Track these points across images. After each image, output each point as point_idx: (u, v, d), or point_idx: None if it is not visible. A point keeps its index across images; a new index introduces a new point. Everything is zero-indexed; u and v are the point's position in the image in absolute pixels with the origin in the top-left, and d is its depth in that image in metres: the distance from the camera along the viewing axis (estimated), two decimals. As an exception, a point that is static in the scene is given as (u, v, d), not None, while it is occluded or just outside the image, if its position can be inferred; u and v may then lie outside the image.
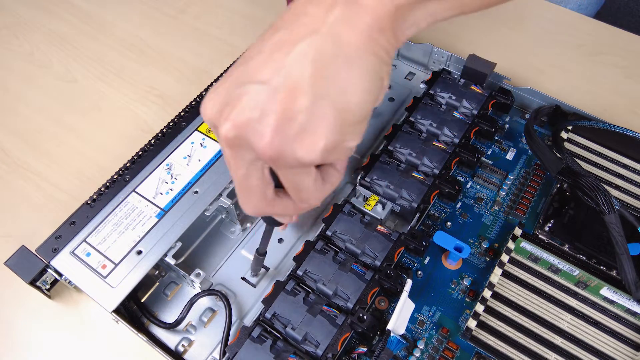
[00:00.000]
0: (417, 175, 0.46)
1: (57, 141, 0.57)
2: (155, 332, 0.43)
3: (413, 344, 0.41)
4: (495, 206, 0.48)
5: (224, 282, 0.46)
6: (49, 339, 0.44)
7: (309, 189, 0.28)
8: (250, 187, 0.28)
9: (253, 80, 0.24)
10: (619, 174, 0.48)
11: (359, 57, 0.24)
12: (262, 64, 0.24)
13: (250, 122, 0.24)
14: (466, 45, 0.62)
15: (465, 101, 0.51)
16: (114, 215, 0.44)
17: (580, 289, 0.43)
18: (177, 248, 0.43)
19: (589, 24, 0.65)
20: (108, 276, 0.41)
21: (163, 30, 0.67)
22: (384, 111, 0.57)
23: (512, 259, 0.44)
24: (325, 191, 0.29)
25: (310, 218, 0.49)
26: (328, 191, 0.29)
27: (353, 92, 0.24)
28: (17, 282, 0.42)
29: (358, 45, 0.24)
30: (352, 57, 0.24)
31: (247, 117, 0.24)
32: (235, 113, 0.24)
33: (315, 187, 0.28)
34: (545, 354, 0.40)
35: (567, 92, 0.58)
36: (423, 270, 0.45)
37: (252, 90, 0.24)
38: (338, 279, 0.41)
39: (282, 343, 0.38)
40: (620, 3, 1.49)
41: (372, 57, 0.25)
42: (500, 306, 0.42)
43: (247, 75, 0.25)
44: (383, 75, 0.26)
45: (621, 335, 0.41)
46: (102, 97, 0.61)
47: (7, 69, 0.63)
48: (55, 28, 0.67)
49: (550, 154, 0.45)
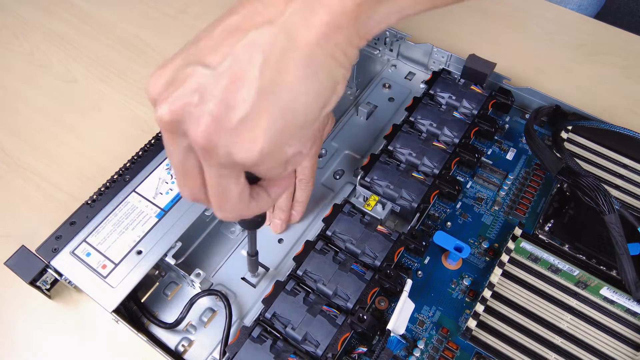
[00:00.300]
0: (417, 175, 0.46)
1: (57, 141, 0.57)
2: (155, 332, 0.43)
3: (413, 344, 0.41)
4: (495, 206, 0.48)
5: (224, 282, 0.46)
6: (49, 339, 0.44)
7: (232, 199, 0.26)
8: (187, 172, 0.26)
9: (200, 62, 0.23)
10: (619, 174, 0.48)
11: (311, 56, 0.23)
12: (212, 48, 0.23)
13: (188, 106, 0.22)
14: (466, 45, 0.62)
15: (465, 101, 0.51)
16: (114, 215, 0.44)
17: (580, 289, 0.43)
18: (177, 248, 0.43)
19: (589, 24, 0.65)
20: (108, 276, 0.41)
21: (163, 30, 0.67)
22: (384, 111, 0.57)
23: (512, 259, 0.44)
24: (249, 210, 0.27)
25: (310, 217, 0.49)
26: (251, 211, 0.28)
27: (299, 92, 0.23)
28: (17, 282, 0.42)
29: (311, 43, 0.23)
30: (303, 55, 0.22)
31: (186, 100, 0.23)
32: (175, 95, 0.23)
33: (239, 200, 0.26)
34: (545, 354, 0.40)
35: (567, 92, 0.58)
36: (423, 270, 0.45)
37: (196, 73, 0.23)
38: (338, 279, 0.41)
39: (282, 343, 0.38)
40: (620, 3, 1.49)
41: (326, 57, 0.23)
42: (500, 306, 0.42)
43: (195, 56, 0.23)
44: (338, 78, 0.24)
45: (621, 335, 0.41)
46: (102, 97, 0.61)
47: (7, 69, 0.63)
48: (55, 28, 0.67)
49: (550, 154, 0.45)
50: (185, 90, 0.23)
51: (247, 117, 0.22)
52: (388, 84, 0.59)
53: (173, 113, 0.23)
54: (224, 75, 0.22)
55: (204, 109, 0.22)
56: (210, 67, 0.22)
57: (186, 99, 0.23)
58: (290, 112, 0.23)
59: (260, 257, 0.46)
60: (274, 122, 0.23)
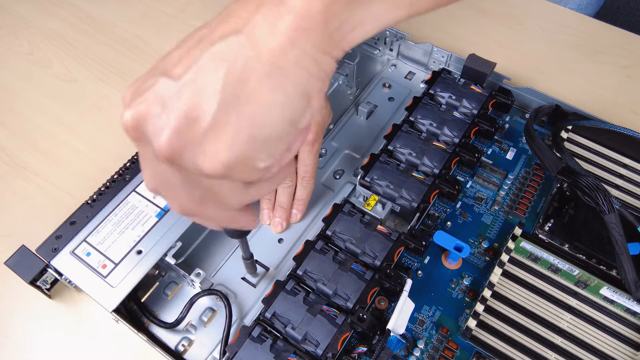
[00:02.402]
0: (417, 175, 0.46)
1: (57, 141, 0.57)
2: (155, 332, 0.43)
3: (413, 344, 0.41)
4: (495, 206, 0.48)
5: (224, 282, 0.46)
6: (49, 339, 0.44)
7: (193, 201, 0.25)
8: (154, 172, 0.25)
9: (165, 73, 0.22)
10: (619, 174, 0.48)
11: (275, 65, 0.21)
12: (177, 59, 0.22)
13: (149, 116, 0.22)
14: (466, 45, 0.62)
15: (465, 101, 0.51)
16: (114, 215, 0.44)
17: (580, 289, 0.43)
18: (177, 248, 0.43)
19: (589, 24, 0.65)
20: (108, 276, 0.41)
21: (163, 30, 0.67)
22: (384, 111, 0.57)
23: (512, 258, 0.44)
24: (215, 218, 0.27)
25: (309, 217, 0.49)
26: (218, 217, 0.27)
27: (264, 105, 0.22)
28: (17, 282, 0.42)
29: (275, 50, 0.21)
30: (266, 64, 0.21)
31: (146, 110, 0.22)
32: (137, 103, 0.22)
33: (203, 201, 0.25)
34: (545, 353, 0.40)
35: (567, 92, 0.58)
36: (423, 270, 0.45)
37: (159, 83, 0.22)
38: (338, 278, 0.41)
39: (282, 343, 0.38)
40: (620, 3, 1.49)
41: (293, 66, 0.22)
42: (500, 306, 0.42)
43: (163, 68, 0.23)
44: (310, 91, 0.23)
45: (621, 335, 0.41)
46: (102, 97, 0.61)
47: (7, 69, 0.63)
48: (55, 28, 0.67)
49: (550, 154, 0.45)
50: (147, 100, 0.22)
51: (210, 130, 0.22)
52: (388, 83, 0.59)
53: (135, 120, 0.22)
54: (187, 87, 0.22)
55: (166, 120, 0.22)
56: (173, 78, 0.22)
57: (147, 108, 0.22)
58: (255, 125, 0.22)
59: (260, 257, 0.47)
60: (237, 135, 0.22)
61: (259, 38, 0.21)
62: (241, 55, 0.21)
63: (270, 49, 0.21)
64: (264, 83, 0.21)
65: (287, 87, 0.22)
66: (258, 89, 0.21)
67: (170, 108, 0.22)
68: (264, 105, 0.22)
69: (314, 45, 0.22)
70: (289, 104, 0.22)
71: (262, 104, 0.22)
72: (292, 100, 0.22)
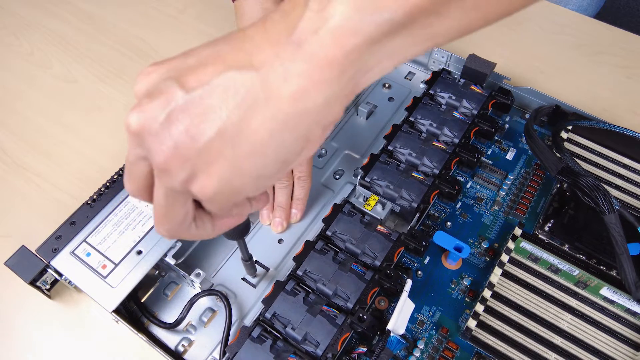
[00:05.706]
0: (417, 175, 0.46)
1: (57, 141, 0.57)
2: (155, 332, 0.43)
3: (413, 344, 0.41)
4: (495, 206, 0.48)
5: (224, 282, 0.46)
6: (49, 339, 0.44)
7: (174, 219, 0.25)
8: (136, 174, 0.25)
9: (178, 79, 0.22)
10: (619, 174, 0.48)
11: (283, 113, 0.22)
12: (194, 69, 0.22)
13: (154, 121, 0.22)
14: (466, 45, 0.62)
15: (465, 101, 0.51)
16: (114, 215, 0.44)
17: (580, 289, 0.43)
18: (177, 248, 0.43)
19: (589, 24, 0.65)
20: (108, 276, 0.41)
21: (163, 30, 0.67)
22: (383, 111, 0.57)
23: (512, 258, 0.44)
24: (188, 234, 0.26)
25: (309, 217, 0.49)
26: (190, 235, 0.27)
27: (260, 146, 0.22)
28: (17, 282, 0.42)
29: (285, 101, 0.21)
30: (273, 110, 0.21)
31: (153, 115, 0.22)
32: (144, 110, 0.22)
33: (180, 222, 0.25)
34: (545, 353, 0.40)
35: (567, 92, 0.58)
36: (423, 270, 0.45)
37: (171, 91, 0.22)
38: (338, 279, 0.41)
39: (282, 343, 0.38)
40: (620, 3, 1.49)
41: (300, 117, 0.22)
42: (500, 306, 0.42)
43: (179, 72, 0.23)
44: (310, 136, 0.23)
45: (621, 335, 0.41)
46: (102, 97, 0.61)
47: (7, 69, 0.63)
48: (55, 28, 0.67)
49: (550, 154, 0.45)
50: (156, 106, 0.22)
51: (205, 154, 0.22)
52: (388, 83, 0.59)
53: (139, 127, 0.22)
54: (195, 103, 0.22)
55: (169, 131, 0.22)
56: (185, 90, 0.22)
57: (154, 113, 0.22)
58: (248, 162, 0.22)
59: (260, 257, 0.47)
60: (228, 170, 0.22)
61: (272, 83, 0.21)
62: (252, 93, 0.21)
63: (279, 97, 0.21)
64: (266, 126, 0.22)
65: (287, 136, 0.22)
66: (259, 130, 0.22)
67: (175, 120, 0.22)
68: (260, 146, 0.22)
69: (325, 97, 0.22)
70: (286, 148, 0.23)
71: (258, 145, 0.22)
72: (287, 148, 0.23)
